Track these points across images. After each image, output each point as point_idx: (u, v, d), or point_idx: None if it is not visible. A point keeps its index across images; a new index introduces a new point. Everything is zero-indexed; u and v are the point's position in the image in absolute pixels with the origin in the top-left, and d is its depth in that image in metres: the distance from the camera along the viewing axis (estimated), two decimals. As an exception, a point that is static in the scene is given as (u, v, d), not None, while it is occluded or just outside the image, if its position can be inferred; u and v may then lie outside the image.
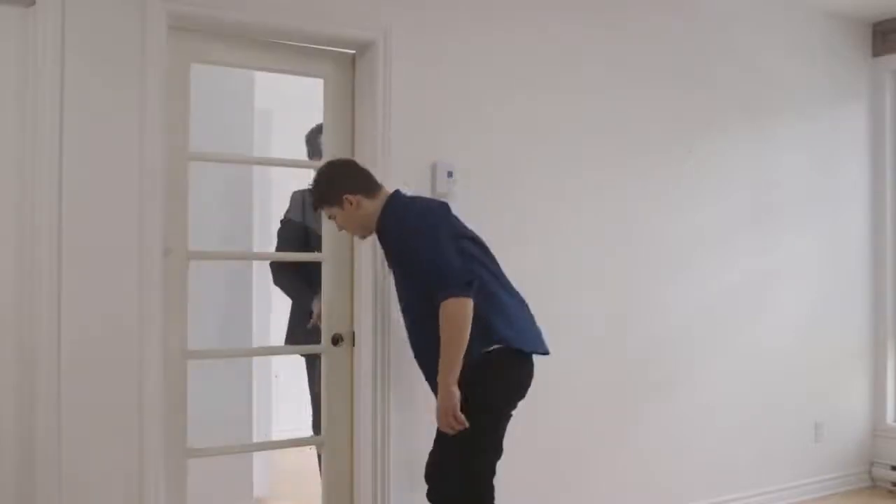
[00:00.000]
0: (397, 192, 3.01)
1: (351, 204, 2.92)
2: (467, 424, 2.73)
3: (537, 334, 3.01)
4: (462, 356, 2.73)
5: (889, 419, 5.05)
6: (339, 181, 2.95)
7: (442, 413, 2.75)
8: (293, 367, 4.36)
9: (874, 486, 5.00)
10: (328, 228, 3.42)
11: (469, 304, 2.72)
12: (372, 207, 2.93)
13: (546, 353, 3.01)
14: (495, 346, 2.82)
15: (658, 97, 4.16)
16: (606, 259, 3.99)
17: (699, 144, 4.35)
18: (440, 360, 2.74)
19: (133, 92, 2.91)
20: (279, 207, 4.16)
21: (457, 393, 2.72)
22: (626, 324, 4.05)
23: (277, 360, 4.95)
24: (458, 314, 2.71)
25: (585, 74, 3.95)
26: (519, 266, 3.71)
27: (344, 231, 3.09)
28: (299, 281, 3.79)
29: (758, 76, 4.57)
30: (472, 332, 2.74)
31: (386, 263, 3.20)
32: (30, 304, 2.76)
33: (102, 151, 2.87)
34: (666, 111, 4.20)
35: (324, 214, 3.09)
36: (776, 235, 4.65)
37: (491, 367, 2.82)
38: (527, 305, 3.04)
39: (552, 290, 3.81)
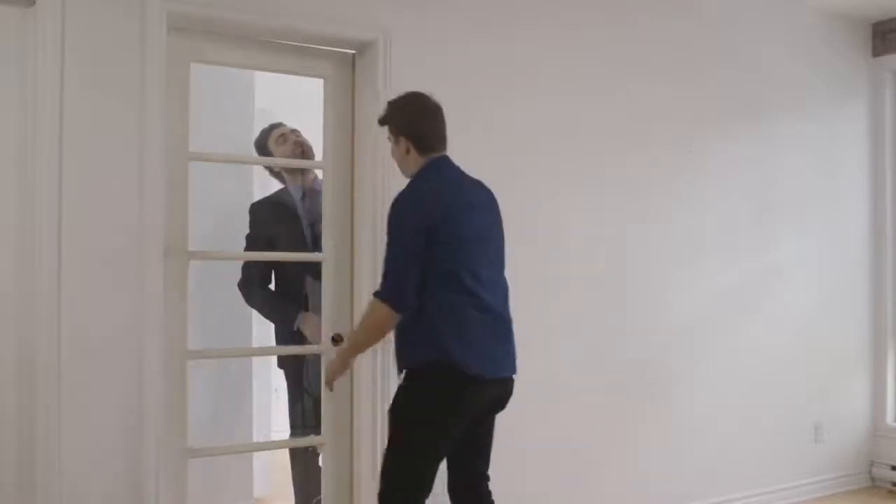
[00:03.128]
0: (439, 161, 2.86)
1: (401, 146, 2.85)
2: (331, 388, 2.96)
3: (498, 356, 2.81)
4: (365, 349, 2.93)
5: (889, 419, 5.04)
6: (409, 118, 2.86)
7: (326, 369, 2.96)
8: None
9: (874, 486, 5.00)
10: (328, 228, 3.43)
11: (393, 318, 2.71)
12: (416, 163, 2.84)
13: (504, 376, 2.83)
14: (435, 361, 2.69)
15: (657, 98, 4.16)
16: (606, 259, 3.99)
17: (699, 145, 4.35)
18: (348, 337, 2.97)
19: (133, 92, 2.91)
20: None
21: (343, 368, 2.92)
22: (627, 324, 4.05)
23: (277, 374, 4.91)
24: (380, 321, 2.75)
25: (585, 75, 3.94)
26: (519, 267, 3.71)
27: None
28: (274, 298, 3.69)
29: (758, 76, 4.57)
30: (418, 339, 2.73)
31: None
32: (30, 303, 2.76)
33: (102, 151, 2.87)
34: (665, 112, 4.20)
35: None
36: (776, 235, 4.65)
37: (424, 382, 2.72)
38: (502, 322, 2.86)
39: (552, 290, 3.81)
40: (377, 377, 3.36)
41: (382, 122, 2.92)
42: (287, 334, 3.68)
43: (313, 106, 3.51)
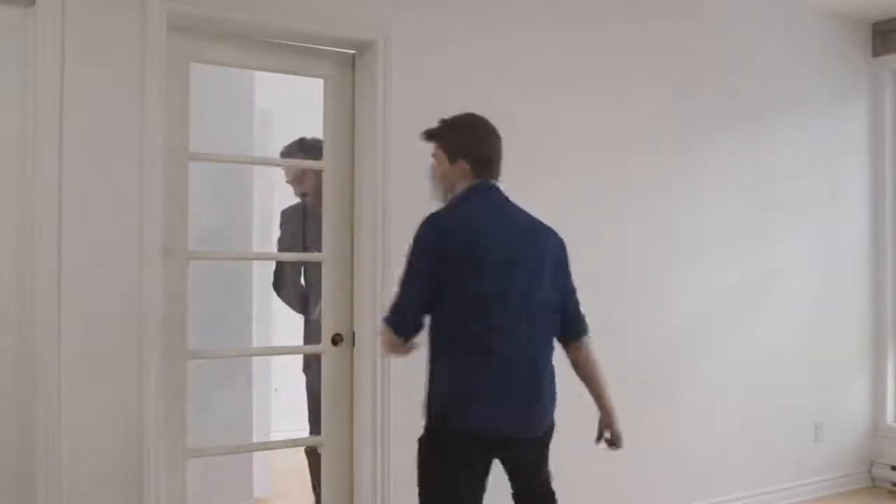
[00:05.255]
0: (477, 188, 2.67)
1: (461, 170, 2.66)
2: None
3: (501, 408, 2.60)
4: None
5: (889, 419, 5.05)
6: (471, 143, 2.70)
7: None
8: (293, 378, 4.36)
9: (874, 486, 5.00)
10: (327, 230, 3.42)
11: (392, 339, 2.56)
12: (466, 184, 2.67)
13: (512, 435, 2.68)
14: (428, 423, 2.60)
15: (657, 97, 4.16)
16: (606, 260, 3.99)
17: (699, 145, 4.35)
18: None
19: (133, 92, 2.91)
20: (279, 207, 4.16)
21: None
22: (627, 324, 4.05)
23: (276, 373, 4.92)
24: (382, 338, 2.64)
25: (585, 75, 3.94)
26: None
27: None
28: (300, 293, 3.83)
29: (758, 76, 4.56)
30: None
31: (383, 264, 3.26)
32: (30, 304, 2.76)
33: (102, 151, 2.87)
34: (665, 112, 4.20)
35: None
36: (776, 235, 4.65)
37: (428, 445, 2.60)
38: (519, 366, 2.67)
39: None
40: (377, 377, 3.36)
41: (439, 140, 2.74)
42: (313, 330, 3.72)
43: (313, 106, 3.51)
